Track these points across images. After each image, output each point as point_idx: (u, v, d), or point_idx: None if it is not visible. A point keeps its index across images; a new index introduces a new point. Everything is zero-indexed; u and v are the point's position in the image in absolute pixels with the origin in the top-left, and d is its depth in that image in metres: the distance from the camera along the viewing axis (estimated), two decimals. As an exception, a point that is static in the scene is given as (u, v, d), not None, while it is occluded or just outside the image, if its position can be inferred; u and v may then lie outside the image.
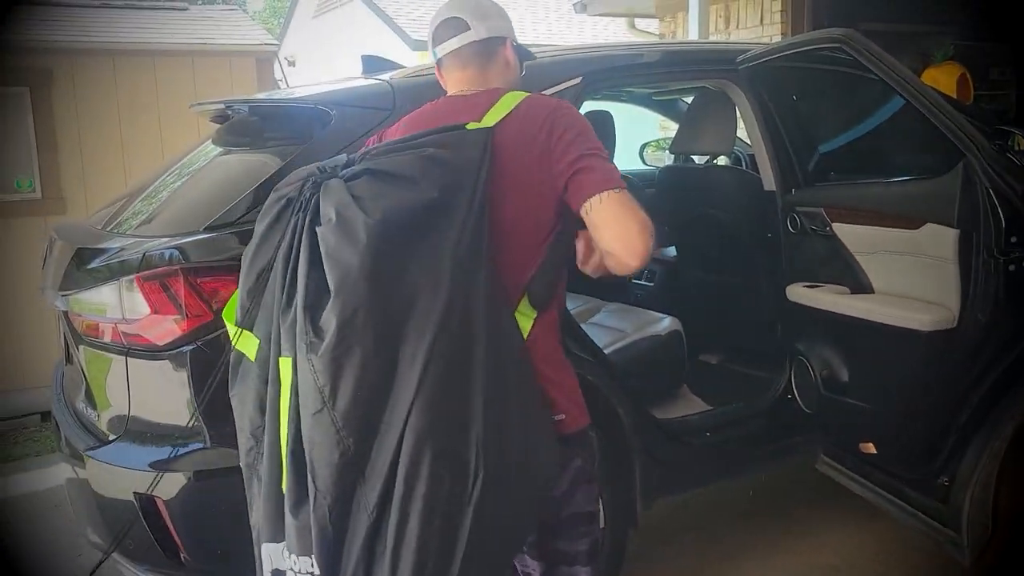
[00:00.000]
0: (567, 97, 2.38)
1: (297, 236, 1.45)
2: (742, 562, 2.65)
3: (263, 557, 1.54)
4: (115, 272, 1.97)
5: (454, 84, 1.73)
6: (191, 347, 1.89)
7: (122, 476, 1.95)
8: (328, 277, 1.38)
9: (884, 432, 2.32)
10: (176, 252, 1.92)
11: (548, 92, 2.35)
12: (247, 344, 1.56)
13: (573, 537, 1.71)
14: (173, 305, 1.89)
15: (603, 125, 3.58)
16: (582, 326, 2.58)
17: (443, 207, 1.42)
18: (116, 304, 1.94)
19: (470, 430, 1.41)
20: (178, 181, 2.44)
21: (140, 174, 2.75)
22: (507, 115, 1.57)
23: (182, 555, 1.92)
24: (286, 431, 1.46)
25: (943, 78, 5.87)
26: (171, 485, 1.91)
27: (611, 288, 3.45)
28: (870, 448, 2.39)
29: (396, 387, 1.38)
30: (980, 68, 7.48)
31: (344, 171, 1.48)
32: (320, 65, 12.35)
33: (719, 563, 2.65)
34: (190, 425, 1.90)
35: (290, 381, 1.44)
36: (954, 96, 5.54)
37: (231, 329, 1.60)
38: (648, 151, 4.73)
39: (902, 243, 2.24)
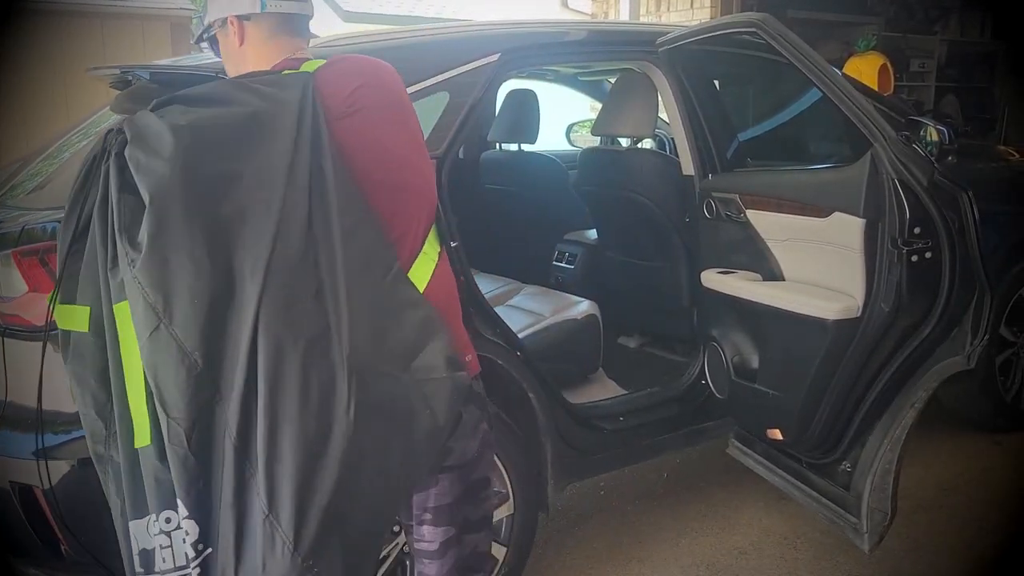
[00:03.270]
0: (484, 75, 2.33)
1: (105, 179, 1.37)
2: (652, 544, 2.67)
3: (129, 541, 1.44)
4: (-9, 246, 1.84)
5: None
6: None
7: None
8: (142, 192, 1.30)
9: (790, 418, 2.34)
10: (57, 226, 1.80)
11: (463, 69, 2.29)
12: (74, 317, 1.46)
13: (478, 502, 1.70)
14: (54, 282, 1.78)
15: (527, 104, 3.54)
16: (499, 308, 2.55)
17: (263, 125, 1.38)
18: (-9, 280, 1.82)
19: (332, 339, 1.34)
20: (76, 145, 2.31)
21: (42, 140, 2.59)
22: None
23: (63, 548, 1.82)
24: (140, 379, 1.36)
25: (865, 68, 6.00)
26: (52, 473, 1.81)
27: (531, 271, 3.43)
28: (776, 434, 2.42)
29: (238, 296, 1.31)
30: (902, 59, 7.67)
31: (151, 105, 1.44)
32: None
33: (630, 546, 2.66)
34: (74, 411, 1.80)
35: (131, 322, 1.36)
36: (875, 86, 5.66)
37: (59, 315, 1.49)
38: (575, 132, 4.71)
39: (812, 231, 2.25)
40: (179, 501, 1.33)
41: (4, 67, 4.92)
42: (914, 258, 2.07)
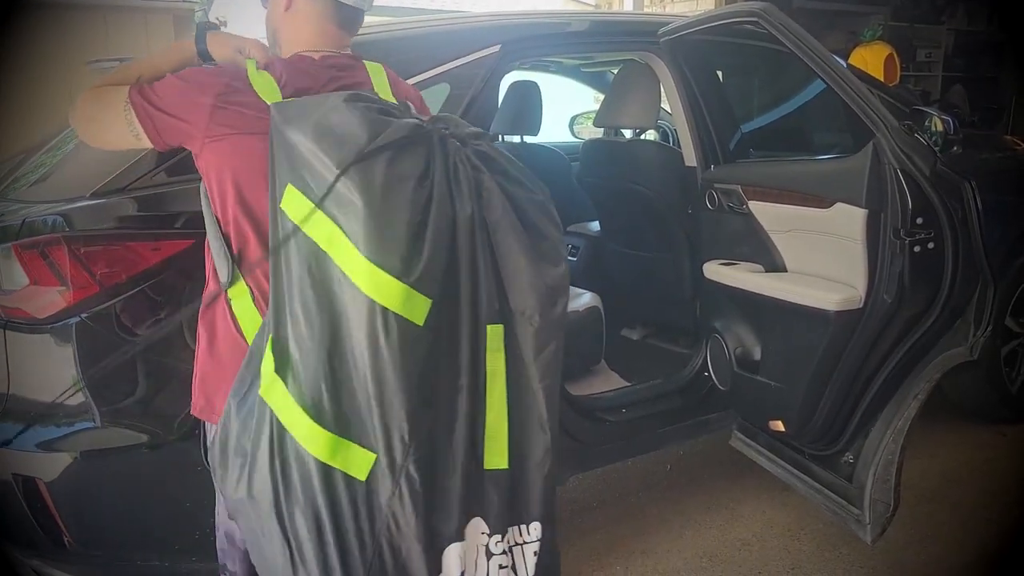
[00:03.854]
0: (485, 67, 2.32)
1: (476, 195, 1.37)
2: (655, 536, 2.67)
3: (444, 564, 1.37)
4: (-8, 240, 1.85)
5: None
6: (76, 320, 1.78)
7: (1, 457, 1.85)
8: (552, 230, 1.44)
9: (792, 410, 2.34)
10: (59, 219, 1.81)
11: (463, 61, 2.29)
12: (414, 306, 1.29)
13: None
14: (55, 276, 1.79)
15: (529, 96, 3.53)
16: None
17: None
18: (-8, 274, 1.83)
19: None
20: (77, 138, 2.31)
21: (44, 134, 2.60)
22: None
23: (66, 539, 1.83)
24: (503, 402, 1.39)
25: (871, 58, 5.97)
26: (55, 466, 1.82)
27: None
28: (779, 426, 2.41)
29: None
30: (908, 49, 7.63)
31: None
32: (253, 26, 11.93)
33: (633, 537, 2.66)
34: (77, 403, 1.81)
35: (502, 346, 1.38)
36: (880, 76, 5.63)
37: (389, 286, 1.28)
38: (578, 124, 4.69)
39: (814, 222, 2.24)
40: (537, 522, 1.43)
41: (6, 61, 4.93)
42: (916, 248, 2.06)
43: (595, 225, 3.52)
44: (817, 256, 2.27)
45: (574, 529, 2.73)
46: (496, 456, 1.38)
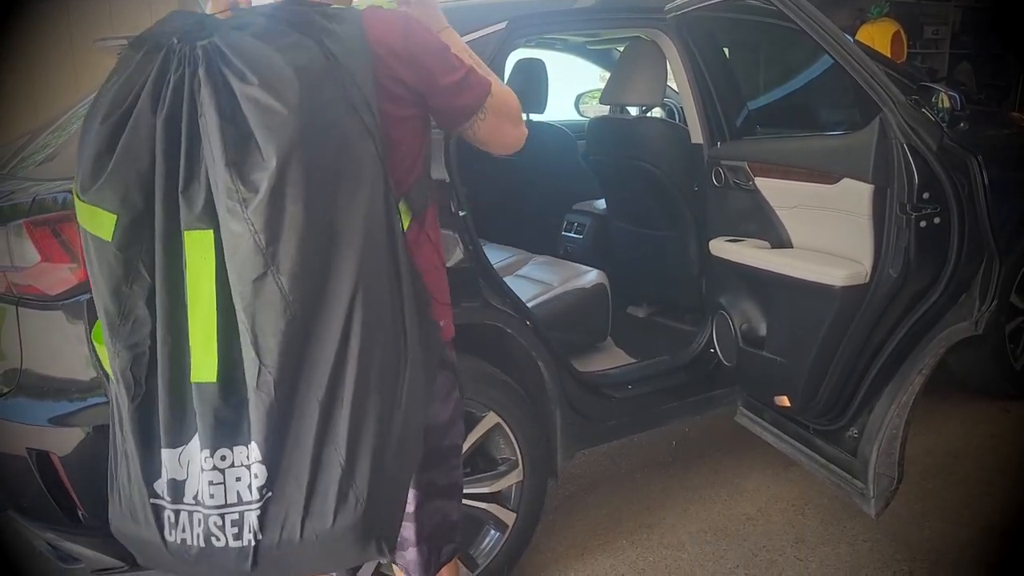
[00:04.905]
0: (492, 43, 2.32)
1: (190, 96, 1.29)
2: (661, 511, 2.69)
3: (152, 465, 1.39)
4: (3, 217, 1.86)
5: None
6: (87, 297, 1.80)
7: (16, 432, 1.87)
8: (262, 137, 1.25)
9: (797, 385, 2.35)
10: (70, 196, 1.81)
11: (469, 38, 2.28)
12: (97, 221, 1.33)
13: (449, 469, 1.68)
14: (66, 252, 1.80)
15: (535, 73, 3.52)
16: (508, 278, 2.56)
17: (337, 71, 1.33)
18: (4, 251, 1.84)
19: (402, 312, 1.39)
20: (78, 123, 2.32)
21: (50, 113, 2.61)
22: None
23: (80, 512, 1.85)
24: (208, 310, 1.32)
25: (878, 35, 5.93)
26: (68, 440, 1.84)
27: (540, 241, 3.43)
28: (784, 401, 2.43)
29: (337, 256, 1.30)
30: (915, 26, 7.57)
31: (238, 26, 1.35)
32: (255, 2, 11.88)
33: (638, 512, 2.69)
34: (89, 379, 1.83)
35: (211, 254, 1.31)
36: (887, 53, 5.59)
37: (81, 213, 1.36)
38: (584, 102, 4.68)
39: (820, 198, 2.24)
40: (253, 444, 1.33)
41: (12, 42, 4.92)
42: (923, 223, 2.06)
43: (601, 203, 3.53)
44: (823, 232, 2.27)
45: (580, 504, 2.76)
46: (203, 369, 1.34)
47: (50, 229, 1.79)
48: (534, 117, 3.67)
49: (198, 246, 1.31)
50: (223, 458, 1.34)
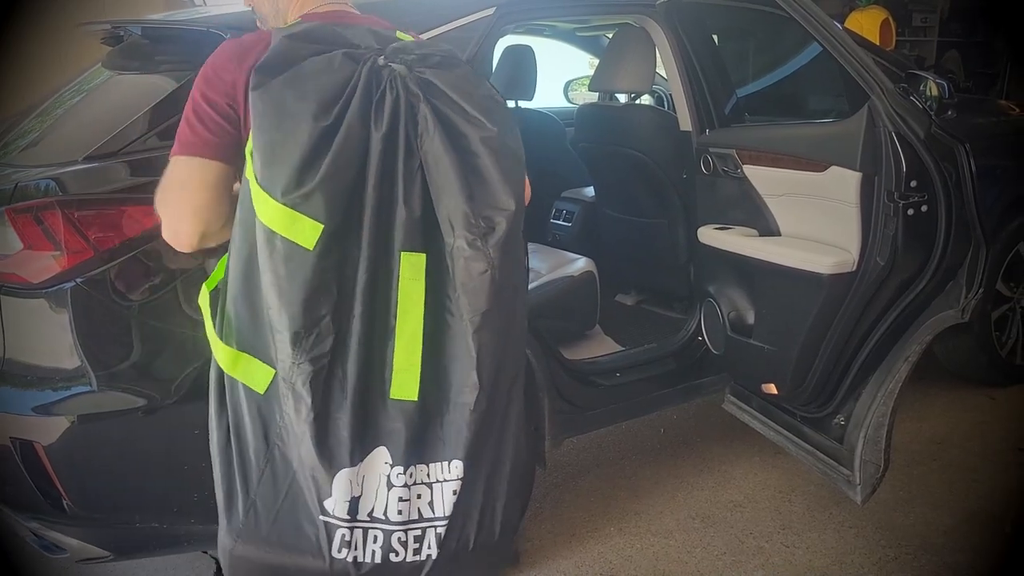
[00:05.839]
0: (479, 30, 2.30)
1: (410, 118, 1.34)
2: (649, 498, 2.70)
3: (334, 488, 1.37)
4: (-15, 204, 1.84)
5: None
6: (71, 285, 1.78)
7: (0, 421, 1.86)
8: (497, 173, 1.34)
9: (785, 373, 2.36)
10: (52, 183, 1.80)
11: (458, 24, 2.26)
12: (299, 228, 1.29)
13: None
14: (49, 240, 1.78)
15: (524, 60, 3.50)
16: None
17: None
18: (-14, 239, 1.82)
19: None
20: (69, 102, 2.29)
21: (34, 99, 2.57)
22: None
23: (65, 502, 1.84)
24: (416, 330, 1.36)
25: (867, 22, 5.93)
26: (53, 429, 1.83)
27: (528, 228, 3.41)
28: (772, 389, 2.44)
29: (517, 300, 1.44)
30: (904, 14, 7.57)
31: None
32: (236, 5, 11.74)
33: (626, 499, 2.70)
34: (74, 367, 1.81)
35: (422, 276, 1.36)
36: (876, 41, 5.60)
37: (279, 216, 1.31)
38: (573, 89, 4.66)
39: (808, 186, 2.24)
40: (456, 462, 1.38)
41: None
42: (910, 211, 2.07)
43: (590, 190, 3.52)
44: (811, 220, 2.28)
45: (569, 491, 2.77)
46: (404, 387, 1.36)
47: (32, 216, 1.77)
48: (523, 104, 3.66)
49: (412, 267, 1.34)
50: (411, 475, 1.37)
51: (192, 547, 2.12)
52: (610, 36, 3.27)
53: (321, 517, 1.35)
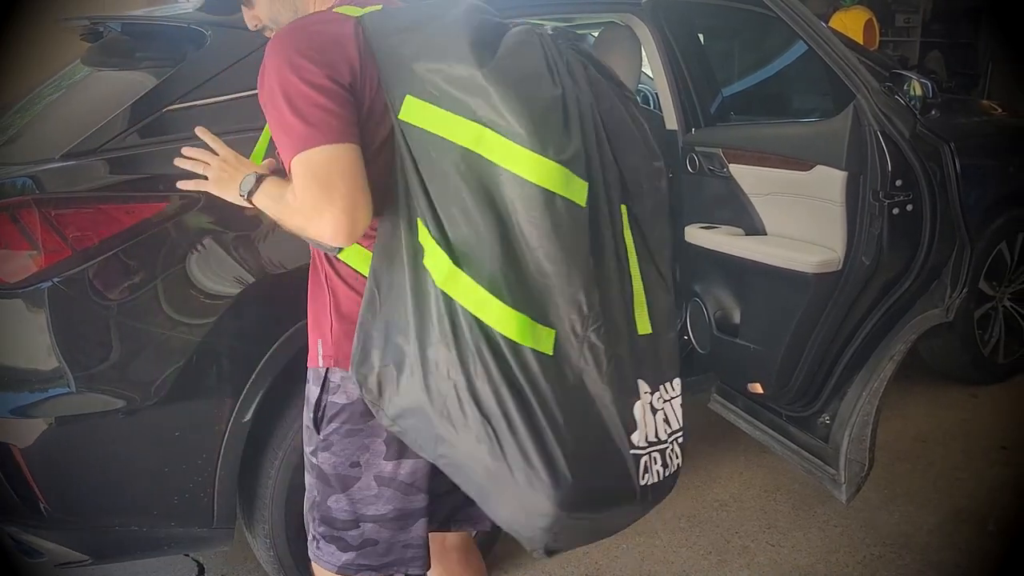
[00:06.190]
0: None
1: (593, 88, 1.42)
2: (634, 499, 2.69)
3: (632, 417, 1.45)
4: (-41, 203, 1.80)
5: None
6: (48, 285, 1.75)
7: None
8: (649, 137, 1.46)
9: (770, 372, 2.36)
10: (29, 181, 1.77)
11: (442, 20, 2.25)
12: (575, 189, 1.37)
13: None
14: (26, 239, 1.75)
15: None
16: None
17: None
18: (-40, 238, 1.78)
19: None
20: (48, 99, 2.26)
21: (12, 94, 2.53)
22: None
23: (42, 505, 1.81)
24: (636, 273, 1.47)
25: (851, 22, 5.96)
26: (30, 432, 1.80)
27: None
28: (757, 388, 2.43)
29: None
30: (887, 14, 7.61)
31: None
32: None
33: (612, 500, 2.69)
34: (51, 369, 1.78)
35: (629, 226, 1.46)
36: (860, 41, 5.62)
37: (551, 170, 1.35)
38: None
39: (794, 185, 2.24)
40: (677, 380, 1.51)
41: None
42: (895, 211, 2.07)
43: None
44: (797, 219, 2.28)
45: (554, 492, 2.75)
46: (643, 322, 1.48)
47: (9, 215, 1.73)
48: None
49: (627, 219, 1.47)
50: (658, 397, 1.48)
51: (172, 550, 2.10)
52: (596, 35, 3.26)
53: (631, 451, 1.45)
